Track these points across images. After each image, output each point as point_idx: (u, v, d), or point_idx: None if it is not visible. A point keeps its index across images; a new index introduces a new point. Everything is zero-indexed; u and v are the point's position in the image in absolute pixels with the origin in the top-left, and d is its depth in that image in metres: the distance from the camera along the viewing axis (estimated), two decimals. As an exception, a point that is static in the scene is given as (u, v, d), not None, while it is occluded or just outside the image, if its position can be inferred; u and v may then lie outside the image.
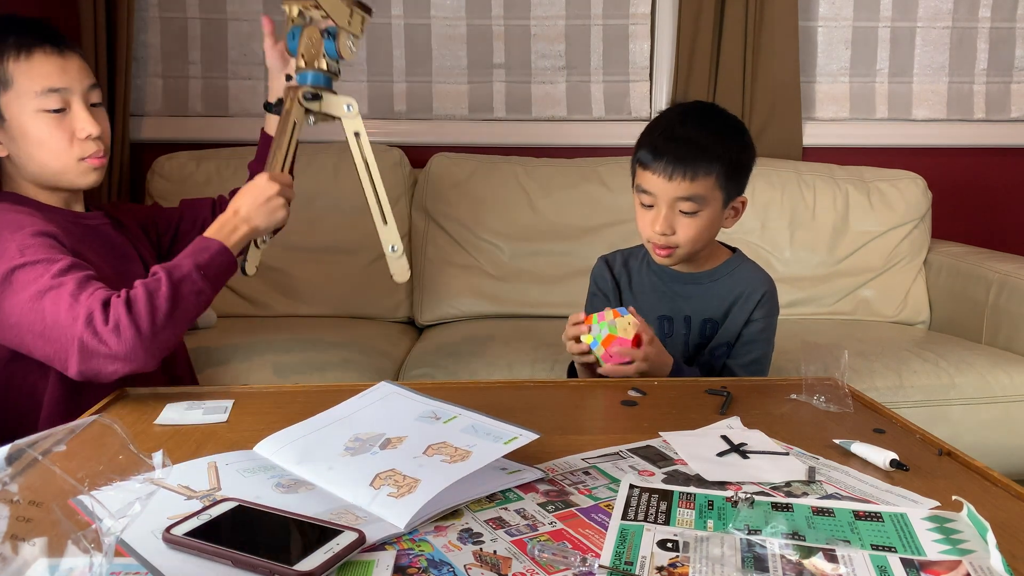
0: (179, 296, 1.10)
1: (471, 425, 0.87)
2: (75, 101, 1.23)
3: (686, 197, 1.26)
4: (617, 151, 2.44)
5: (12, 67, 1.19)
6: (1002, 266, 2.09)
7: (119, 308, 1.05)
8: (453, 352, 1.89)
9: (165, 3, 2.47)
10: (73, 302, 1.06)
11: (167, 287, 1.09)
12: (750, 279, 1.36)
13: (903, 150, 2.62)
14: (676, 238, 1.29)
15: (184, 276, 1.12)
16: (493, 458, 0.79)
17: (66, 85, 1.22)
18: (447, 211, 2.31)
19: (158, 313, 1.07)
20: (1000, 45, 2.62)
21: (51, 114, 1.21)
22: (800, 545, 0.69)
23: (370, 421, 0.91)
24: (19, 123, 1.21)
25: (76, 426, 0.62)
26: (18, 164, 1.24)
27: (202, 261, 1.14)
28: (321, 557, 0.64)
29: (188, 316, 1.12)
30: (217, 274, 1.17)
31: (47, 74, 1.20)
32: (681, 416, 1.03)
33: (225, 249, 1.19)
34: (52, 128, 1.21)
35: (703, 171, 1.25)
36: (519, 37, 2.56)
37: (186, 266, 1.13)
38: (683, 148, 1.26)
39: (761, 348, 1.35)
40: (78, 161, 1.24)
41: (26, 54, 1.20)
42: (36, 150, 1.22)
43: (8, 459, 0.56)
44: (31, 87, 1.20)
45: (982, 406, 1.79)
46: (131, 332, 1.04)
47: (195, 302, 1.13)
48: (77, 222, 1.28)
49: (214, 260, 1.16)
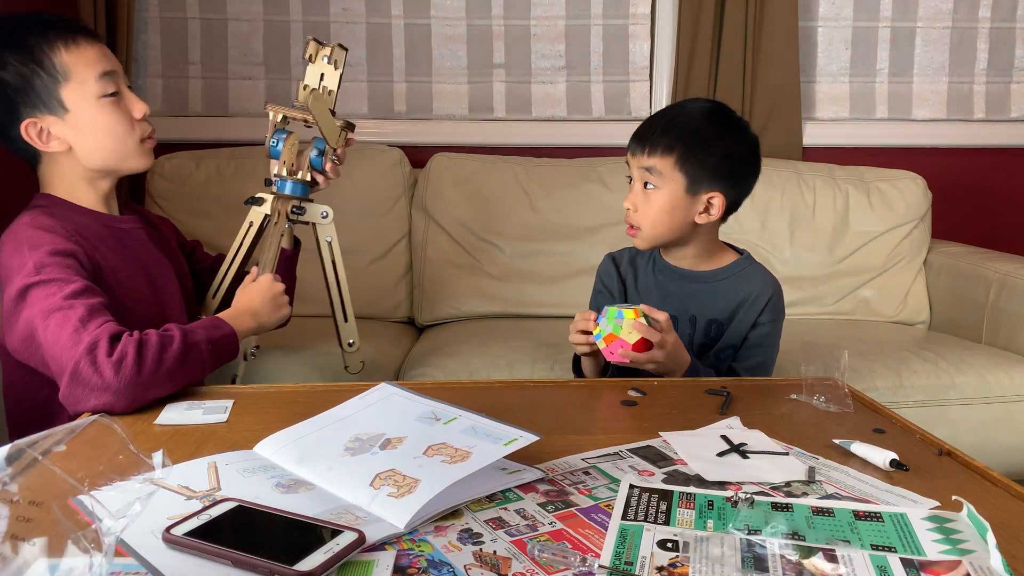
0: (186, 359, 1.09)
1: (471, 426, 0.87)
2: (122, 84, 1.25)
3: (645, 168, 1.30)
4: (617, 151, 2.43)
5: (67, 58, 1.19)
6: (1002, 266, 2.09)
7: (130, 345, 1.03)
8: (453, 352, 1.89)
9: (165, 3, 2.47)
10: (80, 326, 1.05)
11: (179, 345, 1.08)
12: (757, 281, 1.36)
13: (903, 150, 2.62)
14: (637, 216, 1.32)
15: (195, 343, 1.11)
16: (493, 459, 0.79)
17: (114, 68, 1.23)
18: (447, 211, 2.31)
19: (163, 365, 1.05)
20: (1000, 45, 2.62)
21: (110, 99, 1.22)
22: (800, 545, 0.69)
23: (370, 422, 0.91)
24: (84, 112, 1.20)
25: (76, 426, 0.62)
26: (81, 154, 1.23)
27: (214, 337, 1.15)
28: (321, 557, 0.64)
29: (181, 380, 1.09)
30: (221, 354, 1.17)
31: (98, 60, 1.21)
32: (681, 416, 1.03)
33: (234, 336, 1.20)
34: (114, 112, 1.23)
35: (663, 146, 1.29)
36: (519, 37, 2.56)
37: (199, 335, 1.13)
38: (654, 125, 1.32)
39: (766, 352, 1.35)
40: (139, 143, 1.27)
41: (74, 44, 1.20)
42: (104, 137, 1.23)
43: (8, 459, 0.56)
44: (90, 74, 1.20)
45: (982, 406, 1.79)
46: (132, 371, 1.02)
47: (194, 371, 1.12)
48: (111, 226, 1.28)
49: (223, 341, 1.17)
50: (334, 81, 1.38)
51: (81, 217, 1.24)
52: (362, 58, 2.54)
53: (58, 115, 1.20)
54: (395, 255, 2.32)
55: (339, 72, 1.37)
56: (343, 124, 1.41)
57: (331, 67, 1.37)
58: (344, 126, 1.41)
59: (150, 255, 1.32)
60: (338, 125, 1.39)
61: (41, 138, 1.21)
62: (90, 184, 1.26)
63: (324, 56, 1.36)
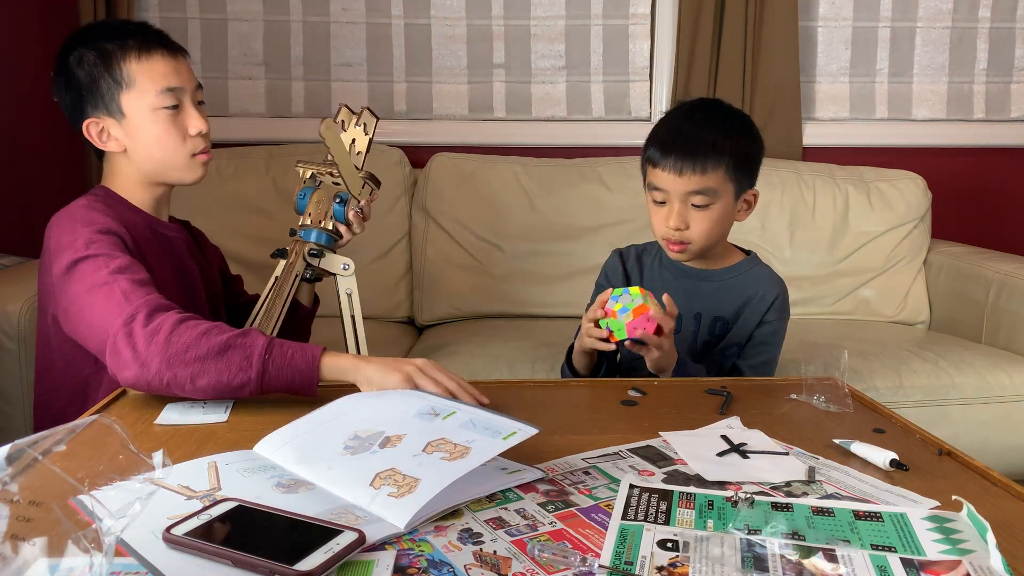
0: (225, 354, 1.01)
1: (470, 420, 0.87)
2: (186, 100, 1.29)
3: (698, 191, 1.28)
4: (617, 151, 2.44)
5: (135, 67, 1.25)
6: (1002, 266, 2.09)
7: (169, 319, 1.03)
8: (453, 352, 1.89)
9: (165, 3, 2.47)
10: (123, 300, 1.07)
11: (227, 337, 1.02)
12: (763, 281, 1.37)
13: (903, 150, 2.62)
14: (689, 233, 1.30)
15: (249, 344, 1.02)
16: (493, 454, 0.80)
17: (180, 85, 1.27)
18: (447, 211, 2.31)
19: (195, 349, 1.01)
20: (1000, 45, 2.62)
21: (167, 111, 1.26)
22: (800, 545, 0.69)
23: (369, 419, 0.91)
24: (139, 120, 1.26)
25: (76, 426, 0.62)
26: (133, 159, 1.28)
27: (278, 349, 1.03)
28: (321, 557, 0.64)
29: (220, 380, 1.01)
30: (280, 368, 1.03)
31: (165, 74, 1.26)
32: (681, 416, 1.03)
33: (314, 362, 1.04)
34: (168, 125, 1.26)
35: (712, 164, 1.27)
36: (519, 37, 2.56)
37: (261, 340, 1.03)
38: (692, 143, 1.28)
39: (770, 351, 1.36)
40: (190, 157, 1.29)
41: (146, 55, 1.25)
42: (154, 146, 1.27)
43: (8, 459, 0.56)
44: (152, 87, 1.25)
45: (982, 406, 1.79)
46: (162, 344, 1.01)
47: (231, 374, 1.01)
48: (155, 229, 1.31)
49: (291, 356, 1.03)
50: (363, 143, 1.42)
51: (129, 214, 1.28)
52: (362, 58, 2.54)
53: (116, 118, 1.26)
54: (395, 255, 2.32)
55: (369, 137, 1.42)
56: (366, 175, 1.42)
57: (360, 131, 1.42)
58: (367, 177, 1.42)
59: (185, 265, 1.35)
60: (360, 176, 1.41)
61: (101, 137, 1.27)
62: (144, 187, 1.31)
63: (355, 123, 1.42)
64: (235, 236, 2.19)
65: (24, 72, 2.41)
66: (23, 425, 1.73)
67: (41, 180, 2.46)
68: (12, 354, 1.71)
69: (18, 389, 1.72)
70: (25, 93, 2.42)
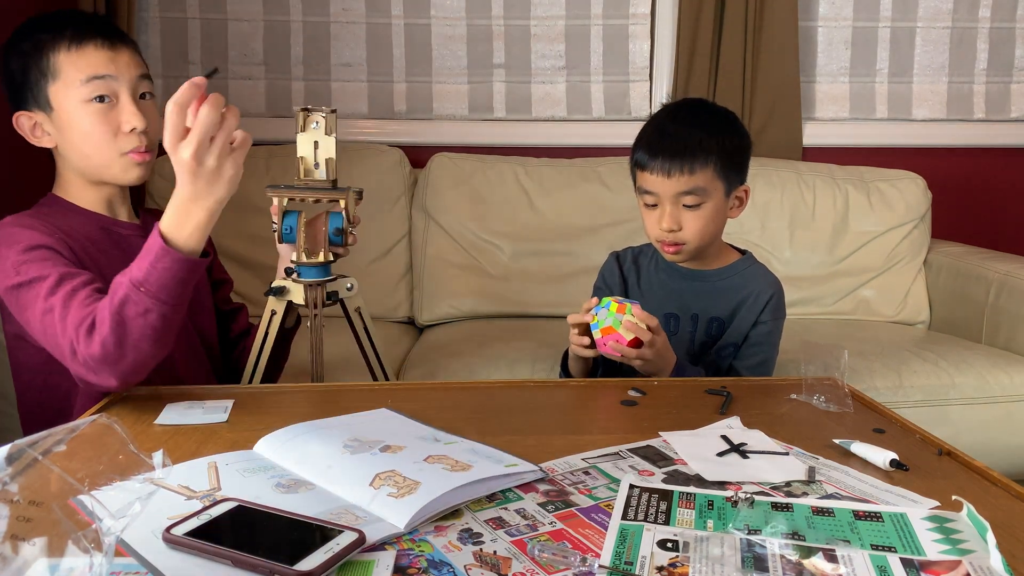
0: (124, 321, 1.01)
1: (471, 448, 0.87)
2: (123, 93, 1.21)
3: (688, 191, 1.28)
4: (617, 151, 2.44)
5: (63, 58, 1.19)
6: (1002, 266, 2.09)
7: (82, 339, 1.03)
8: (453, 352, 1.89)
9: (165, 3, 2.48)
10: (63, 328, 1.05)
11: (109, 315, 1.01)
12: (759, 281, 1.37)
13: (903, 150, 2.62)
14: (683, 234, 1.30)
15: (125, 298, 1.01)
16: (493, 474, 0.80)
17: (111, 73, 1.20)
18: (447, 211, 2.31)
19: (108, 344, 1.01)
20: (1000, 45, 2.62)
21: (97, 105, 1.20)
22: (800, 545, 0.69)
23: (370, 430, 0.91)
24: (66, 113, 1.20)
25: (76, 426, 0.62)
26: (64, 155, 1.24)
27: (139, 275, 1.01)
28: (321, 557, 0.64)
29: (149, 338, 1.01)
30: (163, 284, 1.01)
31: (93, 64, 1.20)
32: (681, 416, 1.03)
33: (166, 252, 1.01)
34: (97, 119, 1.20)
35: (700, 163, 1.27)
36: (519, 37, 2.56)
37: (124, 283, 1.01)
38: (678, 143, 1.28)
39: (767, 351, 1.36)
40: (121, 155, 1.22)
41: (77, 45, 1.20)
42: (81, 141, 1.21)
43: (8, 459, 0.56)
44: (77, 76, 1.19)
45: (982, 406, 1.79)
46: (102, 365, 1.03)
47: (144, 323, 1.00)
48: (109, 229, 1.27)
49: (155, 267, 1.01)
50: (331, 148, 1.23)
51: (76, 219, 1.24)
52: (362, 58, 2.54)
53: (46, 112, 1.21)
54: (395, 255, 2.32)
55: (333, 137, 1.23)
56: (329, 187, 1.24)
57: (323, 133, 1.22)
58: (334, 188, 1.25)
59: None
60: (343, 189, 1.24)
61: (34, 132, 1.22)
62: (89, 186, 1.26)
63: (314, 124, 1.22)
64: (235, 236, 2.19)
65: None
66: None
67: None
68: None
69: (18, 389, 1.72)
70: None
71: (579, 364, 1.33)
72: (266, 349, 1.29)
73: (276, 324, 1.28)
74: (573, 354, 1.32)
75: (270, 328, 1.28)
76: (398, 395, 1.11)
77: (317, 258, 1.26)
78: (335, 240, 1.26)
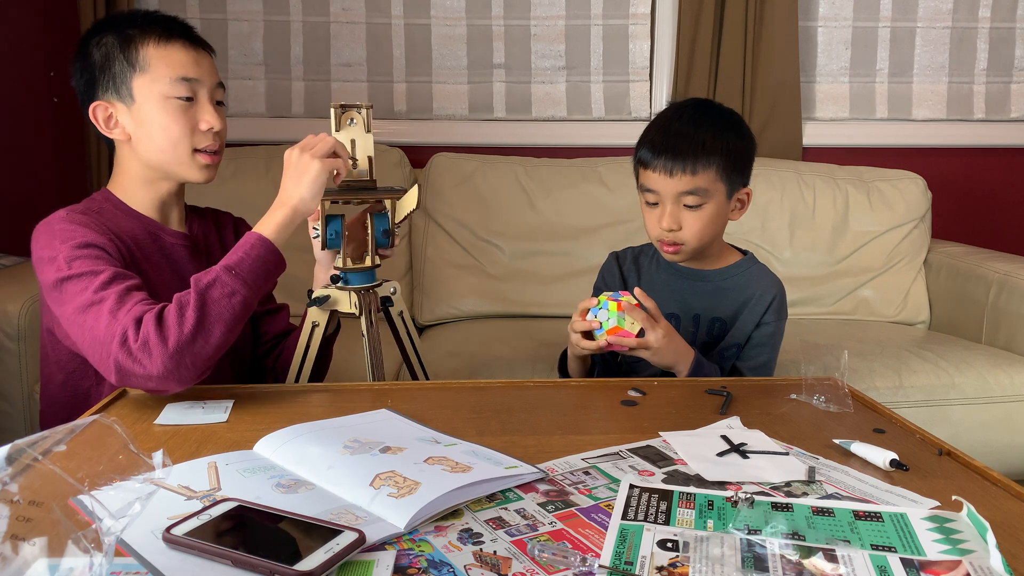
0: (207, 302, 1.05)
1: (471, 450, 0.87)
2: (202, 94, 1.26)
3: (689, 191, 1.28)
4: (617, 151, 2.44)
5: (152, 52, 1.22)
6: (1002, 266, 2.09)
7: (149, 325, 1.03)
8: (453, 352, 1.89)
9: (165, 3, 2.48)
10: (111, 319, 1.05)
11: (194, 295, 1.05)
12: (761, 282, 1.37)
13: (903, 150, 2.63)
14: (683, 234, 1.30)
15: (213, 280, 1.07)
16: (493, 476, 0.80)
17: (197, 76, 1.24)
18: (447, 211, 2.31)
19: (186, 325, 1.03)
20: (1000, 45, 2.62)
21: (179, 102, 1.23)
22: (800, 545, 0.69)
23: (370, 432, 0.91)
24: (148, 106, 1.22)
25: (76, 426, 0.62)
26: (137, 149, 1.25)
27: (232, 260, 1.09)
28: (321, 557, 0.64)
29: (224, 322, 1.05)
30: (253, 269, 1.09)
31: (182, 63, 1.23)
32: (681, 416, 1.03)
33: (262, 241, 1.11)
34: (178, 115, 1.23)
35: (703, 164, 1.27)
36: (519, 37, 2.56)
37: (216, 269, 1.08)
38: (682, 143, 1.27)
39: (769, 352, 1.35)
40: (193, 152, 1.25)
41: (166, 42, 1.23)
42: (158, 134, 1.23)
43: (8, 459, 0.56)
44: (166, 73, 1.22)
45: (982, 406, 1.79)
46: (160, 350, 1.01)
47: (227, 305, 1.06)
48: (156, 235, 1.28)
49: (248, 255, 1.10)
50: (370, 146, 1.23)
51: (127, 220, 1.25)
52: (362, 58, 2.54)
53: (126, 103, 1.23)
54: (395, 255, 2.32)
55: (371, 134, 1.23)
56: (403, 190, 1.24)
57: (362, 130, 1.23)
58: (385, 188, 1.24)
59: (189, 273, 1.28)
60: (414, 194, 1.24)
61: (108, 123, 1.24)
62: (148, 185, 1.28)
63: (350, 121, 1.23)
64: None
65: (25, 71, 2.41)
66: (23, 425, 1.73)
67: (41, 180, 2.46)
68: (12, 354, 1.71)
69: (18, 389, 1.72)
70: (26, 92, 2.42)
71: (578, 364, 1.33)
72: (309, 358, 1.26)
73: (319, 336, 1.26)
74: (572, 354, 1.32)
75: (312, 339, 1.25)
76: (398, 395, 1.11)
77: (364, 263, 1.24)
78: (382, 242, 1.25)
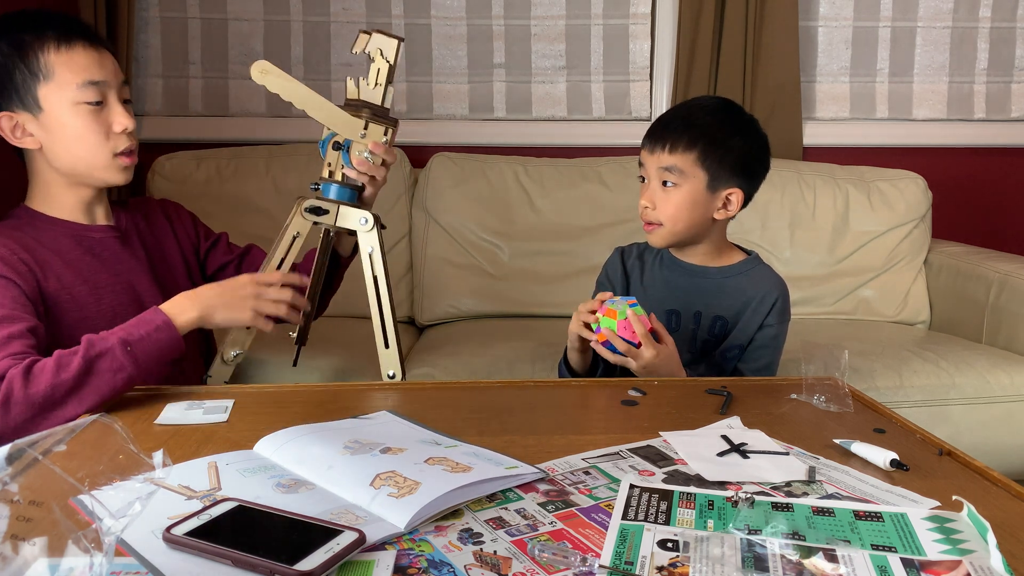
0: (92, 371, 1.02)
1: (472, 451, 0.87)
2: (111, 96, 1.23)
3: (665, 167, 1.30)
4: (617, 151, 2.44)
5: (53, 58, 1.18)
6: (1002, 266, 2.09)
7: (15, 381, 1.00)
8: (453, 352, 1.89)
9: (165, 3, 2.47)
10: None
11: (80, 361, 1.02)
12: (765, 282, 1.36)
13: (903, 150, 2.62)
14: (656, 213, 1.32)
15: (105, 351, 1.04)
16: (493, 476, 0.80)
17: (104, 78, 1.21)
18: (447, 211, 2.31)
19: (60, 387, 1.01)
20: (1000, 45, 2.62)
21: (89, 107, 1.20)
22: (800, 545, 0.69)
23: (370, 433, 0.91)
24: (57, 115, 1.19)
25: (76, 426, 0.62)
26: (50, 157, 1.22)
27: (133, 337, 1.07)
28: (321, 557, 0.63)
29: (101, 395, 1.03)
30: (149, 353, 1.08)
31: (86, 66, 1.19)
32: (681, 416, 1.03)
33: (167, 326, 1.10)
34: (89, 121, 1.20)
35: (684, 145, 1.29)
36: (519, 37, 2.56)
37: (112, 339, 1.06)
38: (672, 123, 1.31)
39: (771, 354, 1.35)
40: (112, 156, 1.23)
41: (66, 46, 1.19)
42: (73, 143, 1.21)
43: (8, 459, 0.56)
44: (72, 79, 1.18)
45: (982, 406, 1.79)
46: (20, 409, 0.99)
47: (110, 380, 1.04)
48: (80, 235, 1.27)
49: (151, 336, 1.08)
50: (383, 70, 1.30)
51: (47, 231, 1.23)
52: (362, 58, 2.53)
53: (33, 113, 1.20)
54: (395, 255, 2.32)
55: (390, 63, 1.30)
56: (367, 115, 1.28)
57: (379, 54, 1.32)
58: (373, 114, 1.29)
59: (123, 264, 1.30)
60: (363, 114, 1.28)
61: (15, 133, 1.21)
62: (68, 189, 1.26)
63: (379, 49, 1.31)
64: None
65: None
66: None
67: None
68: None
69: None
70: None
71: (579, 356, 1.33)
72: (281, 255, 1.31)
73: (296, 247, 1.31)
74: (571, 347, 1.32)
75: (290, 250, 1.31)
76: (398, 395, 1.11)
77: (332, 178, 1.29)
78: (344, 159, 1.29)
